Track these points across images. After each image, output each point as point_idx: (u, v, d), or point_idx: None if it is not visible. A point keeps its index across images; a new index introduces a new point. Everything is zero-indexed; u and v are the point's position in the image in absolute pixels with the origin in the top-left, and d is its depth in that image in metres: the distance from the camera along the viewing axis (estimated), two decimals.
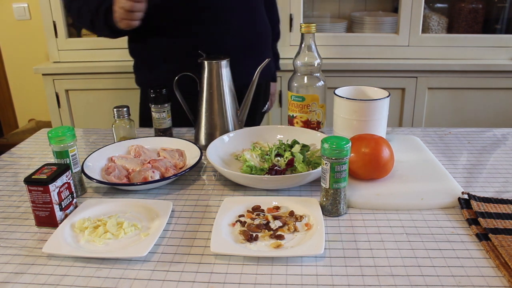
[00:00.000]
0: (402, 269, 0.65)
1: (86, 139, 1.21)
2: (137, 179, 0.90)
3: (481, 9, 2.02)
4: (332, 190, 0.77)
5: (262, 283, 0.63)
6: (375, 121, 0.97)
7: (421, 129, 1.20)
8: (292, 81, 1.05)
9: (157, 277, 0.64)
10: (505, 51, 1.95)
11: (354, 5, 2.24)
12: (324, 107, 1.06)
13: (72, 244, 0.71)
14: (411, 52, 1.97)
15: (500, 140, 1.12)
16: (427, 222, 0.77)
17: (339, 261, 0.67)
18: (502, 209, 0.77)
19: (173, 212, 0.82)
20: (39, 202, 0.76)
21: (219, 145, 1.01)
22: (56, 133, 0.82)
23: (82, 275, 0.65)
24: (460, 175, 0.94)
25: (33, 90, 2.74)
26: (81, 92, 2.09)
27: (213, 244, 0.69)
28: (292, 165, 0.91)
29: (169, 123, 1.13)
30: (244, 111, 1.13)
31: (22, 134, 2.58)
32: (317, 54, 1.03)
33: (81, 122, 2.15)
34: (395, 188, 0.86)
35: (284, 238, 0.72)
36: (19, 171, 1.02)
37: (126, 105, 1.07)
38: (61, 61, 2.09)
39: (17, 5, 2.55)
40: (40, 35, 2.48)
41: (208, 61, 1.07)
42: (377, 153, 0.86)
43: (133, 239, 0.73)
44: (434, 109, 2.00)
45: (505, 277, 0.62)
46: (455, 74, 1.93)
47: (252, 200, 0.83)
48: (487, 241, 0.70)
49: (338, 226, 0.76)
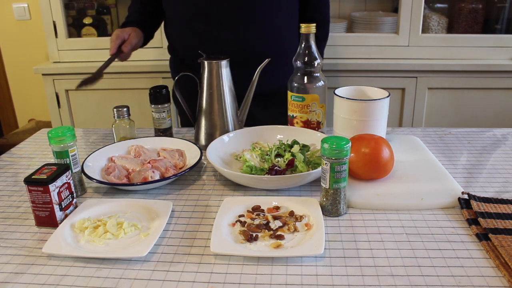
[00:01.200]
0: (402, 269, 0.65)
1: (86, 139, 1.21)
2: (137, 179, 0.90)
3: (481, 9, 2.02)
4: (332, 190, 0.77)
5: (262, 283, 0.63)
6: (375, 121, 0.97)
7: (421, 129, 1.20)
8: (292, 81, 1.05)
9: (157, 277, 0.64)
10: (505, 51, 1.95)
11: (354, 5, 2.24)
12: (324, 107, 1.06)
13: (72, 244, 0.71)
14: (411, 52, 1.97)
15: (500, 140, 1.12)
16: (427, 222, 0.77)
17: (339, 261, 0.67)
18: (502, 209, 0.77)
19: (173, 212, 0.82)
20: (39, 202, 0.76)
21: (219, 145, 1.01)
22: (56, 133, 0.82)
23: (82, 275, 0.65)
24: (460, 175, 0.94)
25: (33, 90, 2.74)
26: (81, 92, 2.08)
27: (213, 244, 0.69)
28: (292, 165, 0.91)
29: (169, 123, 1.13)
30: (244, 111, 1.13)
31: (22, 134, 2.58)
32: (317, 54, 1.03)
33: (81, 122, 2.15)
34: (395, 188, 0.86)
35: (284, 238, 0.72)
36: (19, 171, 1.02)
37: (126, 105, 1.07)
38: (61, 61, 2.09)
39: (17, 5, 2.55)
40: (40, 35, 2.48)
41: (208, 61, 1.07)
42: (377, 153, 0.86)
43: (133, 239, 0.73)
44: (434, 109, 2.00)
45: (505, 277, 0.62)
46: (455, 74, 1.93)
47: (252, 200, 0.83)
48: (487, 241, 0.70)
49: (338, 226, 0.76)
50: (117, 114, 1.06)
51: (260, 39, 1.24)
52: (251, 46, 1.23)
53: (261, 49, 1.22)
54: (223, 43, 1.23)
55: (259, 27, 1.23)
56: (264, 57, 1.07)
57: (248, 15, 1.21)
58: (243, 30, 1.22)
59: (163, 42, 2.00)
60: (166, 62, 1.48)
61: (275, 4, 1.24)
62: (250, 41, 1.23)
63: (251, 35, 1.23)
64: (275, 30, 1.26)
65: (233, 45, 1.22)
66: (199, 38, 1.25)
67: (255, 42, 1.24)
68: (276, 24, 1.26)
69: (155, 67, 1.99)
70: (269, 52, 1.15)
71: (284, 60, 1.19)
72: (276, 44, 1.27)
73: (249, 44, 1.23)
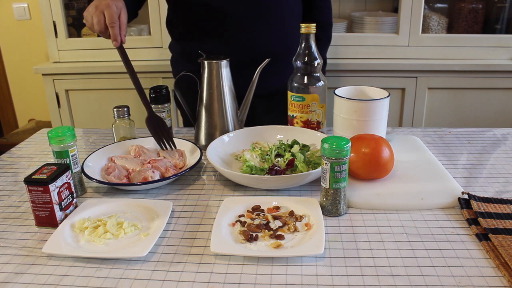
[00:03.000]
0: (402, 269, 0.65)
1: (86, 139, 1.21)
2: (137, 179, 0.90)
3: (481, 9, 2.02)
4: (332, 190, 0.77)
5: (262, 283, 0.63)
6: (375, 121, 0.97)
7: (421, 129, 1.20)
8: (292, 81, 1.05)
9: (157, 277, 0.64)
10: (505, 51, 1.95)
11: (354, 5, 2.24)
12: (324, 107, 1.06)
13: (72, 244, 0.71)
14: (411, 52, 1.97)
15: (500, 140, 1.12)
16: (427, 222, 0.77)
17: (339, 261, 0.67)
18: (502, 209, 0.77)
19: (173, 212, 0.82)
20: (39, 202, 0.76)
21: (219, 145, 1.01)
22: (56, 133, 0.82)
23: (82, 275, 0.65)
24: (460, 175, 0.94)
25: (33, 90, 2.75)
26: (81, 92, 2.09)
27: (213, 244, 0.69)
28: (292, 165, 0.91)
29: (169, 123, 1.13)
30: (244, 111, 1.13)
31: (22, 134, 2.58)
32: (317, 54, 1.03)
33: (81, 122, 2.15)
34: (395, 188, 0.86)
35: (284, 238, 0.72)
36: (19, 171, 1.02)
37: (126, 105, 1.07)
38: (61, 61, 2.09)
39: (17, 5, 2.55)
40: (40, 35, 2.48)
41: (208, 61, 1.07)
42: (377, 153, 0.86)
43: (133, 239, 0.73)
44: (434, 109, 2.00)
45: (505, 277, 0.62)
46: (455, 74, 1.93)
47: (252, 200, 0.83)
48: (487, 241, 0.70)
49: (338, 226, 0.76)
50: (117, 114, 1.06)
51: (270, 40, 1.24)
52: (260, 46, 1.23)
53: (270, 49, 1.22)
54: (233, 43, 1.22)
55: (269, 27, 1.24)
56: (274, 57, 1.07)
57: (259, 16, 1.21)
58: (254, 30, 1.22)
59: (163, 42, 2.00)
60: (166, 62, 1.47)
61: (285, 5, 1.25)
62: (259, 41, 1.23)
63: (261, 35, 1.23)
64: (284, 30, 1.26)
65: (242, 45, 1.22)
66: (207, 37, 1.24)
67: (265, 42, 1.24)
68: (285, 24, 1.26)
69: (155, 67, 1.99)
70: (278, 53, 1.15)
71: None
72: (285, 45, 1.27)
73: (258, 44, 1.23)
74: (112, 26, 0.94)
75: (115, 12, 0.94)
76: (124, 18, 0.98)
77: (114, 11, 0.94)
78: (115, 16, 0.94)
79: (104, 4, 0.94)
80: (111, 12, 0.94)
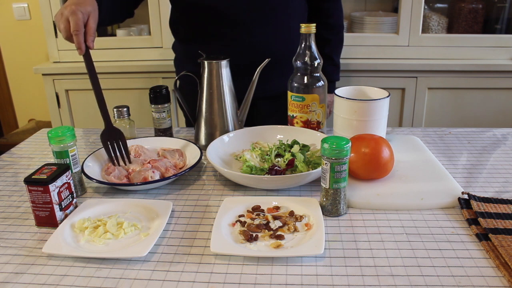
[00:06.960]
0: (402, 269, 0.65)
1: (86, 139, 1.21)
2: (137, 179, 0.90)
3: (481, 9, 2.02)
4: (332, 190, 0.77)
5: (262, 283, 0.63)
6: (375, 121, 0.97)
7: (421, 129, 1.20)
8: (292, 81, 1.05)
9: (157, 277, 0.64)
10: (505, 51, 1.95)
11: (354, 5, 2.24)
12: (324, 107, 1.06)
13: (72, 244, 0.71)
14: (411, 52, 1.97)
15: (500, 140, 1.12)
16: (427, 222, 0.77)
17: (339, 261, 0.67)
18: (502, 209, 0.77)
19: (173, 212, 0.82)
20: (39, 202, 0.76)
21: (219, 145, 1.01)
22: (56, 133, 0.82)
23: (82, 275, 0.65)
24: (460, 175, 0.94)
25: (33, 90, 2.74)
26: (81, 92, 2.08)
27: (213, 244, 0.69)
28: (292, 165, 0.91)
29: (169, 123, 1.13)
30: (244, 111, 1.13)
31: (22, 134, 2.58)
32: (317, 54, 1.03)
33: (81, 122, 2.15)
34: (395, 188, 0.86)
35: (284, 238, 0.72)
36: (19, 171, 1.02)
37: (126, 105, 1.07)
38: (61, 61, 2.09)
39: (17, 5, 2.55)
40: (40, 35, 2.48)
41: (208, 61, 1.07)
42: (377, 153, 0.86)
43: (133, 239, 0.73)
44: (434, 109, 2.00)
45: (505, 277, 0.62)
46: (455, 74, 1.93)
47: (252, 200, 0.83)
48: (487, 241, 0.70)
49: (338, 226, 0.76)
50: (117, 114, 1.06)
51: (274, 42, 1.24)
52: (264, 49, 1.23)
53: (274, 52, 1.22)
54: (237, 45, 1.22)
55: (273, 30, 1.23)
56: (277, 59, 1.07)
57: (262, 18, 1.21)
58: (259, 31, 1.22)
59: (163, 42, 2.00)
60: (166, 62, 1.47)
61: (289, 7, 1.25)
62: (263, 43, 1.23)
63: (265, 37, 1.23)
64: (288, 32, 1.26)
65: (246, 47, 1.22)
66: (211, 39, 1.24)
67: (269, 45, 1.23)
68: (289, 26, 1.26)
69: (155, 67, 1.98)
70: (281, 55, 1.15)
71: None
72: (289, 47, 1.27)
73: (262, 46, 1.23)
74: (75, 34, 0.91)
75: (79, 19, 0.90)
76: (92, 23, 0.93)
77: (79, 18, 0.90)
78: (79, 23, 0.90)
79: (69, 10, 0.91)
80: (75, 19, 0.90)
